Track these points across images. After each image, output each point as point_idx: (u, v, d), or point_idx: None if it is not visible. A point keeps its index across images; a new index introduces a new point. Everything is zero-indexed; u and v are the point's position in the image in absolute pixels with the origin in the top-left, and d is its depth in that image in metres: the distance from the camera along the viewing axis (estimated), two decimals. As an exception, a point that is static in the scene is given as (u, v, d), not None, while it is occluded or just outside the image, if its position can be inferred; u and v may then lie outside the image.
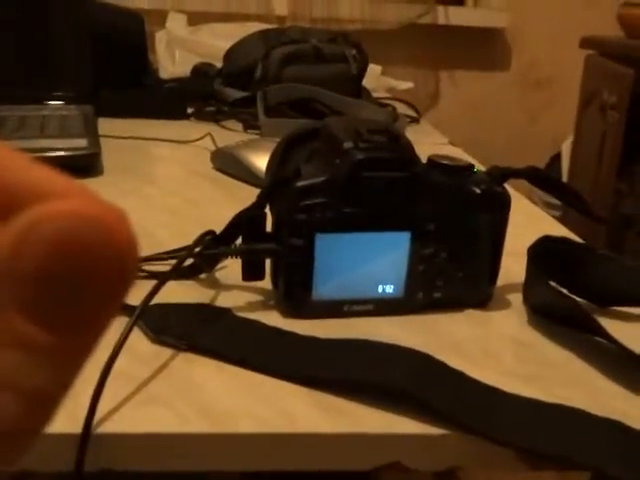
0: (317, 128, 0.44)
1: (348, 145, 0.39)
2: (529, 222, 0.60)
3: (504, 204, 0.42)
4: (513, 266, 0.45)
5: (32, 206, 0.11)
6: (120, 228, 0.11)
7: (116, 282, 0.12)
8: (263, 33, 0.99)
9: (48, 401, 0.12)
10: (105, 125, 0.80)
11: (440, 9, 1.56)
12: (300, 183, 0.39)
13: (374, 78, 1.17)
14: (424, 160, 0.41)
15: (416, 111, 1.03)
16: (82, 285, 0.11)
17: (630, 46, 1.42)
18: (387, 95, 1.15)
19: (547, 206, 1.33)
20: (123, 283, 0.12)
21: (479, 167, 0.44)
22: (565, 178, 1.54)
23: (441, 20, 1.57)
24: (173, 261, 0.41)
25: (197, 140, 0.79)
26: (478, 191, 0.41)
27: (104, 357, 0.32)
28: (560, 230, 0.58)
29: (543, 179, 0.46)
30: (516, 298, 0.45)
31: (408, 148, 0.40)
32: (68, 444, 0.29)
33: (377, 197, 0.39)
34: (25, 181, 0.12)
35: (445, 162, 0.41)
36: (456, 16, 1.58)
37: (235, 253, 0.40)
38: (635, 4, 1.45)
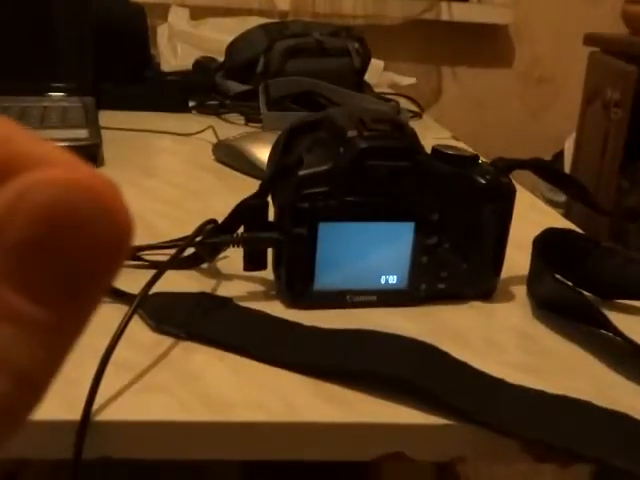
0: (320, 119, 0.43)
1: (352, 134, 0.38)
2: (533, 215, 0.60)
3: (509, 195, 0.41)
4: (517, 258, 0.45)
5: (24, 174, 0.11)
6: (113, 198, 0.11)
7: (109, 253, 0.11)
8: (265, 27, 0.98)
9: (37, 380, 0.11)
10: (107, 117, 0.80)
11: (443, 5, 1.55)
12: (303, 172, 0.38)
13: (377, 73, 1.16)
14: (428, 152, 0.41)
15: (419, 106, 1.02)
16: (73, 256, 0.11)
17: (634, 43, 1.41)
18: (390, 90, 1.15)
19: (550, 203, 1.33)
20: (116, 255, 0.11)
21: (484, 160, 0.44)
22: (567, 175, 1.53)
23: (444, 16, 1.56)
24: (174, 250, 0.41)
25: (199, 132, 0.78)
26: (483, 181, 0.40)
27: (104, 345, 0.32)
28: (564, 224, 0.58)
29: (548, 171, 0.45)
30: (520, 290, 0.44)
31: (412, 137, 0.40)
32: (67, 431, 0.29)
33: (381, 186, 0.39)
34: (21, 151, 0.11)
35: (450, 152, 0.41)
36: (459, 12, 1.57)
37: (237, 242, 0.40)
38: (638, 1, 1.44)
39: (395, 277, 0.41)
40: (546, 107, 1.71)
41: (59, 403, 0.29)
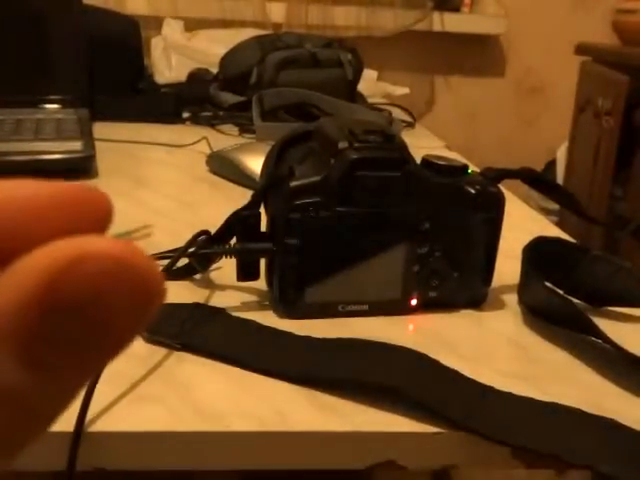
0: (311, 130, 0.44)
1: (343, 145, 0.39)
2: (525, 223, 0.60)
3: (498, 204, 0.42)
4: (508, 267, 0.45)
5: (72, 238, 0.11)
6: (154, 276, 0.11)
7: (135, 328, 0.11)
8: (259, 38, 0.99)
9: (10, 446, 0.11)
10: (101, 129, 0.80)
11: (435, 15, 1.57)
12: (294, 182, 0.39)
13: (370, 83, 1.17)
14: (419, 162, 0.41)
15: (412, 116, 1.03)
16: (98, 327, 0.11)
17: (624, 53, 1.43)
18: (383, 100, 1.15)
19: (544, 211, 1.33)
20: (140, 327, 0.11)
21: (474, 170, 0.44)
22: (560, 183, 1.54)
23: (437, 26, 1.57)
24: (167, 261, 0.41)
25: (193, 144, 0.79)
26: (472, 191, 0.41)
27: (97, 356, 0.32)
28: (555, 232, 0.58)
29: (537, 180, 0.46)
30: (511, 298, 0.45)
31: (402, 148, 0.40)
32: (60, 442, 0.29)
33: (371, 197, 0.39)
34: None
35: (439, 162, 0.41)
36: (451, 22, 1.58)
37: (229, 253, 0.40)
38: (629, 11, 1.46)
39: (387, 286, 0.41)
40: (538, 116, 1.72)
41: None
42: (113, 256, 0.10)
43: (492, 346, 0.39)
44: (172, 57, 1.13)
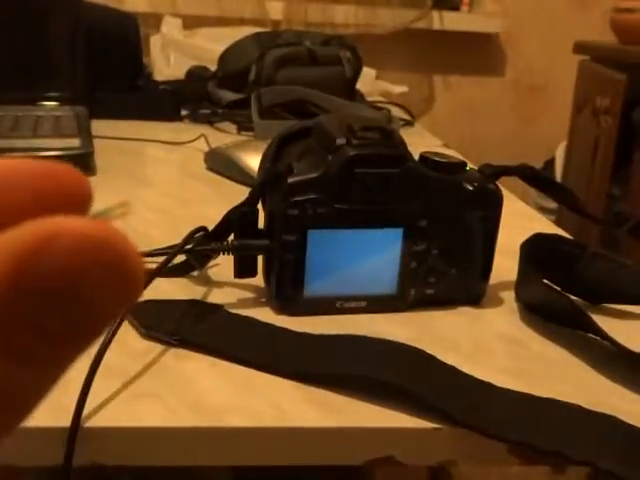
0: (309, 127, 0.43)
1: (341, 141, 0.39)
2: (522, 221, 0.60)
3: (496, 201, 0.42)
4: (506, 264, 0.45)
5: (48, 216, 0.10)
6: (129, 252, 0.11)
7: (118, 301, 0.11)
8: (257, 36, 0.99)
9: (26, 406, 0.11)
10: (99, 126, 0.80)
11: (435, 14, 1.57)
12: (292, 179, 0.39)
13: (369, 82, 1.17)
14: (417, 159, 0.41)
15: (410, 115, 1.03)
16: (85, 301, 0.10)
17: (623, 51, 1.43)
18: (382, 99, 1.15)
19: (541, 209, 1.33)
20: (123, 301, 0.11)
21: (472, 167, 0.44)
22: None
23: (436, 25, 1.57)
24: (164, 258, 0.41)
25: (191, 141, 0.79)
26: (470, 188, 0.41)
27: (94, 351, 0.32)
28: (553, 229, 0.58)
29: (536, 177, 0.46)
30: (509, 295, 0.45)
31: (401, 145, 0.40)
32: (56, 438, 0.29)
33: (369, 193, 0.39)
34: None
35: (437, 159, 0.41)
36: (451, 21, 1.58)
37: (227, 249, 0.40)
38: (628, 10, 1.46)
39: (384, 283, 0.41)
40: (537, 115, 1.72)
41: (49, 410, 0.29)
42: (85, 235, 0.10)
43: (490, 343, 0.39)
44: (171, 54, 1.13)
